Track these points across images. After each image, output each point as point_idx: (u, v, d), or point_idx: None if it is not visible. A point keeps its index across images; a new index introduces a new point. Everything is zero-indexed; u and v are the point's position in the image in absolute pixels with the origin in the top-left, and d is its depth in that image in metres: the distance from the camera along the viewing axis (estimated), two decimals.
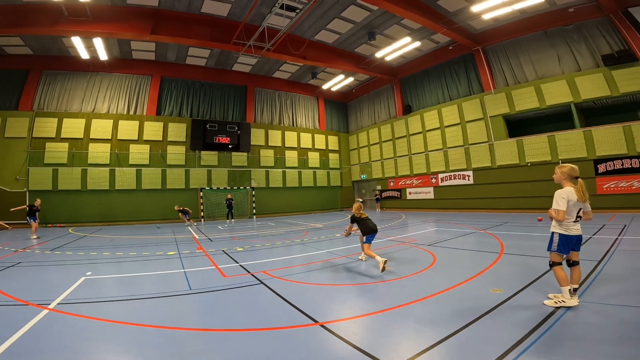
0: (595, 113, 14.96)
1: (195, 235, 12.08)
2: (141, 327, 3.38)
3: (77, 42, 14.58)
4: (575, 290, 3.37)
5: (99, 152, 18.01)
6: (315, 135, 25.61)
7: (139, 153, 18.81)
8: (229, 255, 7.54)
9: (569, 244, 3.40)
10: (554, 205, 3.41)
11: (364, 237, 5.92)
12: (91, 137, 17.94)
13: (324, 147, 26.02)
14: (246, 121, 22.51)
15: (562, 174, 3.50)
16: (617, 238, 7.18)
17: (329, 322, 3.31)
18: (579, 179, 3.43)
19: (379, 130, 24.19)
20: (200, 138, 20.39)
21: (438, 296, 3.96)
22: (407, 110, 21.86)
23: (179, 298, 4.45)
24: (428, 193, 20.41)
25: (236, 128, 21.59)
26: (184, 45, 17.36)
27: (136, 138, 18.84)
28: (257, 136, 22.76)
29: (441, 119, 19.69)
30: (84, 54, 15.73)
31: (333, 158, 26.45)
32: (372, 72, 21.03)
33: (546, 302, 3.47)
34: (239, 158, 22.00)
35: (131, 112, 19.17)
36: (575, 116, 14.52)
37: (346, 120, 28.21)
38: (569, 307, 3.29)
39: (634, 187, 12.73)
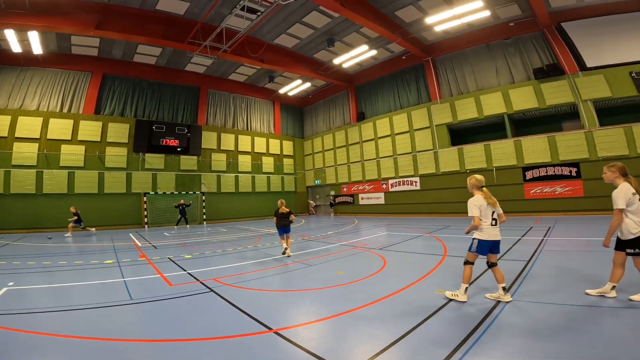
0: (524, 124, 16.73)
1: (138, 242, 11.22)
2: (75, 339, 3.08)
3: (9, 35, 12.89)
4: (504, 288, 3.76)
5: (25, 152, 15.96)
6: (270, 140, 25.34)
7: (72, 154, 17.01)
8: (175, 263, 7.11)
9: (486, 247, 3.84)
10: (469, 213, 3.90)
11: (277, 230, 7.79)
12: (16, 135, 15.83)
13: (279, 152, 25.83)
14: (197, 123, 21.56)
15: (471, 185, 4.06)
16: (542, 239, 8.05)
17: (283, 328, 3.25)
18: (484, 188, 3.97)
19: (334, 136, 24.66)
20: (145, 140, 19.06)
21: (389, 299, 4.09)
22: (361, 117, 22.58)
23: (119, 308, 4.12)
24: (379, 198, 21.19)
25: (186, 130, 20.57)
26: (133, 42, 16.24)
27: (69, 138, 17.01)
28: (208, 139, 21.90)
29: (392, 126, 20.63)
30: (16, 48, 13.91)
31: (287, 163, 26.36)
32: (330, 78, 21.42)
33: (487, 295, 3.92)
34: (188, 162, 20.96)
35: (65, 110, 17.29)
36: (508, 126, 16.07)
37: (301, 126, 28.34)
38: (506, 302, 3.68)
39: (556, 193, 14.42)
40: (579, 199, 13.75)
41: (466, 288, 3.81)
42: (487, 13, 13.87)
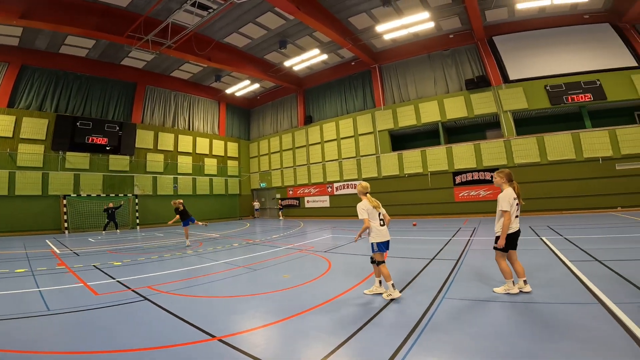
0: (455, 132, 18.42)
1: (56, 249, 9.91)
2: None
3: None
4: (393, 285, 4.05)
5: None
6: (214, 141, 24.31)
7: None
8: (102, 271, 6.44)
9: (384, 246, 4.19)
10: (359, 216, 4.27)
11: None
12: None
13: (223, 154, 24.89)
14: (132, 121, 19.84)
15: (358, 191, 4.45)
16: (469, 239, 8.88)
17: (228, 335, 3.12)
18: (368, 194, 4.37)
19: (281, 139, 24.51)
20: (67, 137, 16.99)
21: (335, 301, 4.14)
22: (309, 120, 22.79)
23: (34, 320, 3.65)
24: (324, 201, 21.54)
25: (117, 128, 18.80)
26: (62, 33, 14.47)
27: None
28: (144, 138, 20.29)
29: (338, 130, 21.17)
30: None
31: (232, 165, 25.51)
32: (279, 80, 21.27)
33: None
34: (119, 162, 19.15)
35: None
36: (442, 134, 17.52)
37: (248, 127, 27.68)
38: (394, 299, 3.99)
39: (480, 196, 16.04)
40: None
41: (392, 284, 4.04)
42: (431, 24, 15.05)
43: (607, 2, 14.61)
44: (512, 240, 3.95)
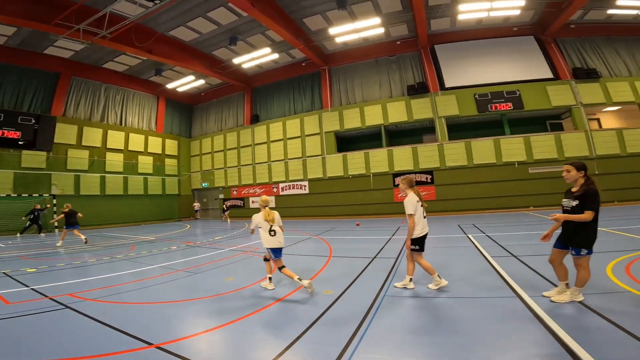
0: (396, 135, 19.52)
1: None
2: None
3: None
4: (300, 279, 4.29)
5: None
6: (150, 138, 22.56)
7: None
8: (13, 279, 5.63)
9: (277, 252, 4.61)
10: (251, 226, 4.74)
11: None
12: None
13: (160, 152, 23.21)
14: (51, 114, 17.53)
15: (260, 204, 4.87)
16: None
17: (167, 342, 2.92)
18: (267, 207, 4.78)
19: (225, 138, 23.64)
20: None
21: (280, 302, 4.10)
22: (255, 119, 22.31)
23: None
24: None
25: (33, 121, 16.52)
26: None
27: None
28: (65, 133, 18.08)
29: (285, 131, 21.07)
30: None
31: (170, 164, 23.91)
32: (226, 77, 20.48)
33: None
34: (33, 158, 16.80)
35: None
36: (384, 137, 18.43)
37: (189, 124, 26.19)
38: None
39: None
40: (432, 201, 16.71)
41: (299, 279, 4.31)
42: (381, 30, 15.78)
43: (534, 16, 16.42)
44: (424, 241, 4.26)
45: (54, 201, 17.07)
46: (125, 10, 12.79)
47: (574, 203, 3.36)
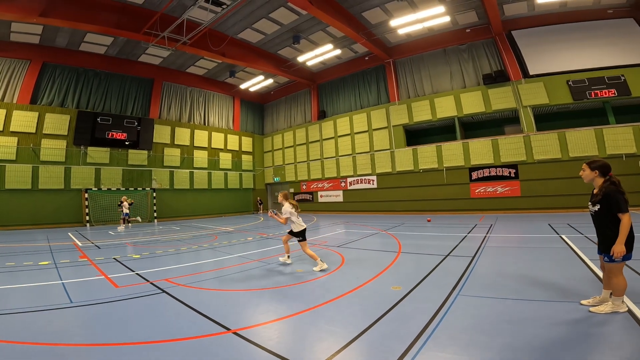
0: (472, 127, 17.97)
1: (78, 242, 10.29)
2: (8, 344, 2.79)
3: None
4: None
5: None
6: (229, 136, 24.60)
7: (3, 146, 15.18)
8: (122, 264, 6.65)
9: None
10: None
11: None
12: None
13: (237, 149, 25.17)
14: (149, 117, 20.28)
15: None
16: (485, 236, 8.71)
17: (242, 328, 3.18)
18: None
19: (294, 134, 24.56)
20: (88, 132, 17.56)
21: (347, 296, 4.15)
22: (322, 115, 22.73)
23: (58, 312, 3.79)
24: (338, 196, 21.53)
25: (136, 123, 19.29)
26: (81, 30, 14.86)
27: (0, 129, 15.19)
28: (161, 133, 20.72)
29: (352, 125, 21.02)
30: None
31: (246, 160, 25.78)
32: (293, 75, 21.26)
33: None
34: (137, 156, 19.65)
35: None
36: (458, 129, 17.15)
37: (262, 122, 27.86)
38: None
39: (497, 192, 15.69)
40: (516, 198, 15.08)
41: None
42: (447, 18, 14.65)
43: None
44: (304, 233, 5.85)
45: (154, 194, 19.77)
46: (199, 17, 14.02)
47: (596, 208, 3.07)
